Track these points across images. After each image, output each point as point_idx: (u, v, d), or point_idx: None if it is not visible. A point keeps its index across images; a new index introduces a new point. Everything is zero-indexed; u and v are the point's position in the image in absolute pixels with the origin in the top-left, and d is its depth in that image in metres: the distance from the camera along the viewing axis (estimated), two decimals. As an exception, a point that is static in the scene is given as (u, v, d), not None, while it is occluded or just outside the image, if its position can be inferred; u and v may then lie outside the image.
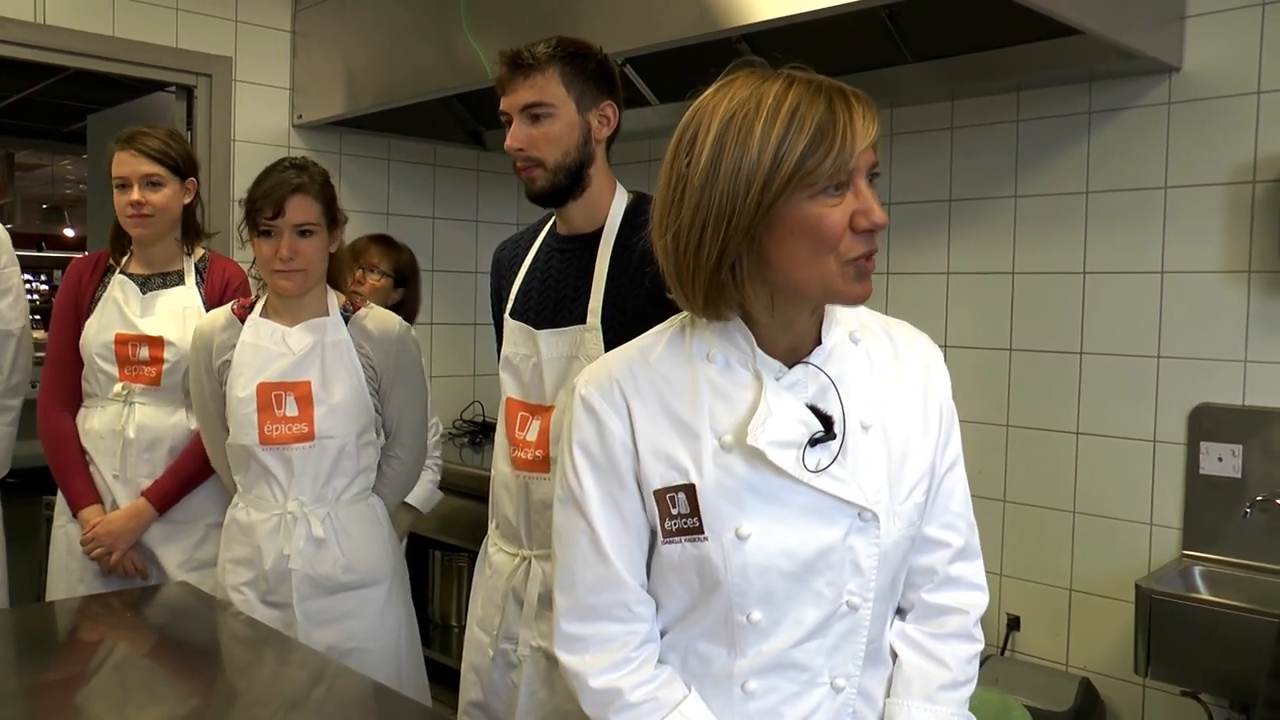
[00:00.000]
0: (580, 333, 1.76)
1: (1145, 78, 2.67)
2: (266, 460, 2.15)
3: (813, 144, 1.06)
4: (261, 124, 3.80)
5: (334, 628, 2.15)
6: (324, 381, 2.16)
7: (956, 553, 1.28)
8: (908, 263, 3.15)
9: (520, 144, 1.75)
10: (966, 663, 1.27)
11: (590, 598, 1.21)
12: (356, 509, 2.22)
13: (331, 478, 2.18)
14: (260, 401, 2.13)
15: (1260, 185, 2.49)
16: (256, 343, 2.16)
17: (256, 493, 2.19)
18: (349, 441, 2.18)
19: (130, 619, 2.03)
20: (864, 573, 1.17)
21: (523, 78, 1.74)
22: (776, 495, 1.15)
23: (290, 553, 2.13)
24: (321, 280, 2.21)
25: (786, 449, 1.14)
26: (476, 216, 4.41)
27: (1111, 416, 2.75)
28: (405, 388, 2.28)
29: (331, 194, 2.18)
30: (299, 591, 2.14)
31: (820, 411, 1.17)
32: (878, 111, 1.11)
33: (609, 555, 1.19)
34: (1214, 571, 2.52)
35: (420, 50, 3.34)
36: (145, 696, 1.64)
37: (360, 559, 2.19)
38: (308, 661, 1.78)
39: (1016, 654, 2.91)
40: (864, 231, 1.09)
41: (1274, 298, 2.49)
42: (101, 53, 3.44)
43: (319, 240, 2.14)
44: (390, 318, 2.29)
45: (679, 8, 2.57)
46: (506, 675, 1.87)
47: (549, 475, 1.79)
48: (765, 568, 1.15)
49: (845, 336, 1.22)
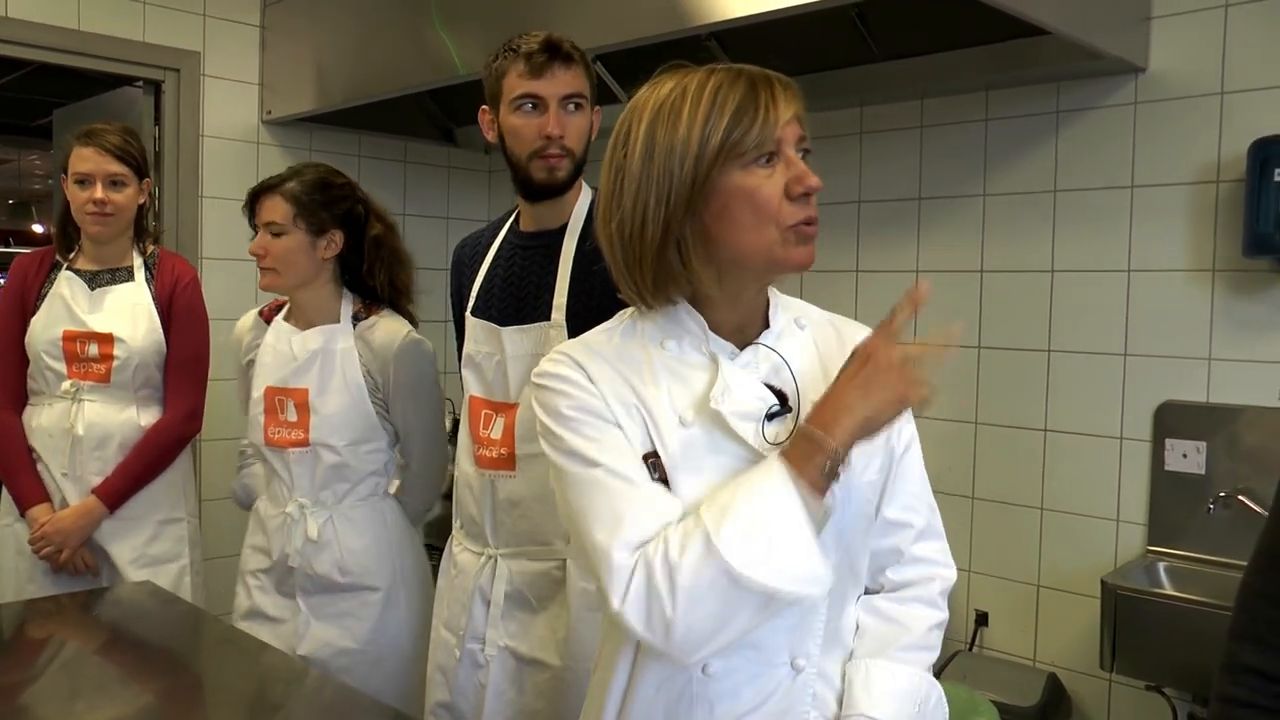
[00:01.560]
0: (545, 329, 1.76)
1: (1112, 78, 2.68)
2: (272, 460, 2.23)
3: (736, 117, 1.12)
4: (230, 119, 3.76)
5: (334, 624, 2.20)
6: (320, 390, 2.18)
7: (919, 533, 1.30)
8: (877, 261, 3.16)
9: (561, 130, 1.74)
10: (928, 629, 1.29)
11: (634, 532, 1.10)
12: (360, 514, 2.23)
13: (330, 483, 2.20)
14: (267, 404, 2.19)
15: (1224, 185, 2.52)
16: (275, 345, 2.23)
17: (272, 488, 2.27)
18: (345, 450, 2.19)
19: (82, 618, 2.02)
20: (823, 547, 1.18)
21: (564, 66, 1.74)
22: (736, 467, 1.15)
23: (290, 551, 2.19)
24: (324, 284, 2.24)
25: (747, 420, 1.16)
26: (447, 213, 4.39)
27: (1079, 414, 2.77)
28: (407, 399, 2.25)
29: (314, 198, 2.20)
30: (301, 586, 2.21)
31: (775, 388, 1.20)
32: (800, 93, 1.17)
33: (634, 478, 1.13)
34: (1178, 567, 2.54)
35: (391, 45, 3.32)
36: (96, 696, 1.63)
37: (357, 563, 2.20)
38: (272, 661, 1.77)
39: (984, 650, 2.93)
40: (800, 197, 1.13)
41: (1237, 296, 2.51)
42: (67, 47, 3.40)
43: (292, 241, 2.17)
44: (396, 328, 2.25)
45: (651, 5, 2.57)
46: (473, 675, 1.86)
47: (514, 473, 1.78)
48: None
49: (791, 322, 1.27)
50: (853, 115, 3.19)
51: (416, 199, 4.30)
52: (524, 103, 1.75)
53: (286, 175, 2.20)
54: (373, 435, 2.22)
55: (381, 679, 2.16)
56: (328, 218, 2.18)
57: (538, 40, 1.74)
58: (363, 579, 2.20)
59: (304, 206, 2.15)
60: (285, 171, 2.22)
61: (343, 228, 2.21)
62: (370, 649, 2.19)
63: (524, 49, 1.74)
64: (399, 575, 2.25)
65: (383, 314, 2.28)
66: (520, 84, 1.74)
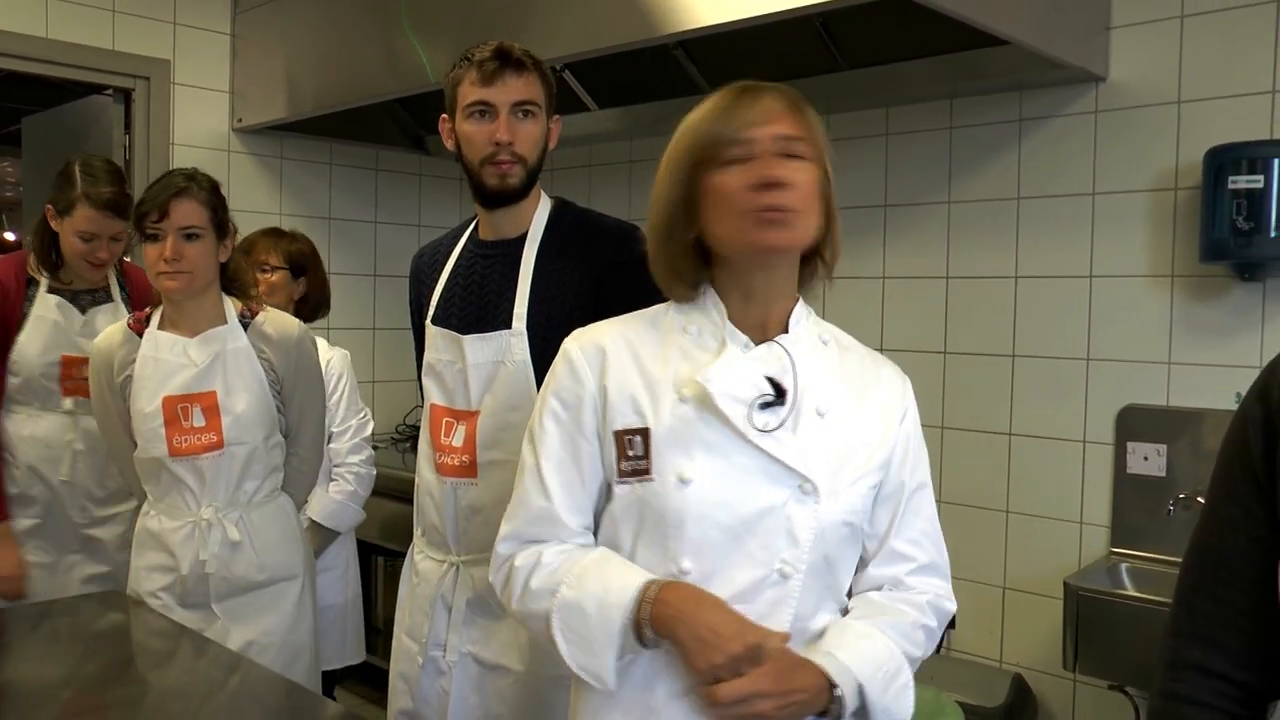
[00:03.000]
0: (506, 337, 1.77)
1: (1073, 86, 2.72)
2: (178, 470, 2.15)
3: (714, 125, 1.24)
4: (201, 128, 3.76)
5: (252, 624, 2.19)
6: (228, 390, 2.17)
7: (920, 567, 1.34)
8: (844, 267, 3.12)
9: (511, 137, 1.75)
10: (914, 623, 1.30)
11: (529, 528, 1.33)
12: (267, 509, 2.25)
13: (243, 482, 2.20)
14: (167, 414, 2.13)
15: (1181, 192, 2.56)
16: (158, 356, 2.17)
17: (169, 501, 2.19)
18: (258, 445, 2.20)
19: (41, 625, 2.03)
20: (799, 543, 1.23)
21: (516, 73, 1.75)
22: (724, 450, 1.24)
23: (206, 557, 2.16)
24: (213, 287, 2.21)
25: (736, 403, 1.24)
26: (419, 221, 4.40)
27: (1042, 418, 2.80)
28: (305, 388, 2.31)
29: (220, 201, 2.19)
30: (216, 592, 2.18)
31: (776, 382, 1.26)
32: (786, 96, 1.26)
33: (552, 493, 1.31)
34: (1139, 568, 2.57)
35: (362, 54, 3.32)
36: (46, 697, 1.63)
37: (273, 557, 2.23)
38: (220, 658, 1.79)
39: (951, 652, 2.95)
40: (759, 187, 1.21)
41: (1195, 302, 2.55)
42: (35, 54, 3.39)
43: (205, 245, 2.13)
44: (288, 321, 2.31)
45: (619, 14, 2.58)
46: (436, 682, 1.86)
47: (476, 480, 1.79)
48: (702, 517, 1.23)
49: (815, 335, 1.34)
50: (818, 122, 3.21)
51: (388, 206, 4.31)
52: (475, 110, 1.76)
53: (183, 181, 2.13)
54: (275, 429, 2.26)
55: (305, 669, 2.24)
56: (227, 221, 2.20)
57: (490, 48, 1.75)
58: (278, 572, 2.24)
59: (214, 210, 2.15)
60: (176, 177, 2.14)
61: (233, 231, 2.24)
62: (292, 638, 2.24)
63: (476, 57, 1.76)
64: (308, 564, 2.34)
65: (266, 310, 2.30)
66: (472, 91, 1.76)
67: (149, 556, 2.21)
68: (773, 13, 2.31)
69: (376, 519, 3.46)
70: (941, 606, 1.35)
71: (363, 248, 4.24)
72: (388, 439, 4.16)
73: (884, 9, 2.31)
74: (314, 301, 3.00)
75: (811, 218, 1.25)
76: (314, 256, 3.05)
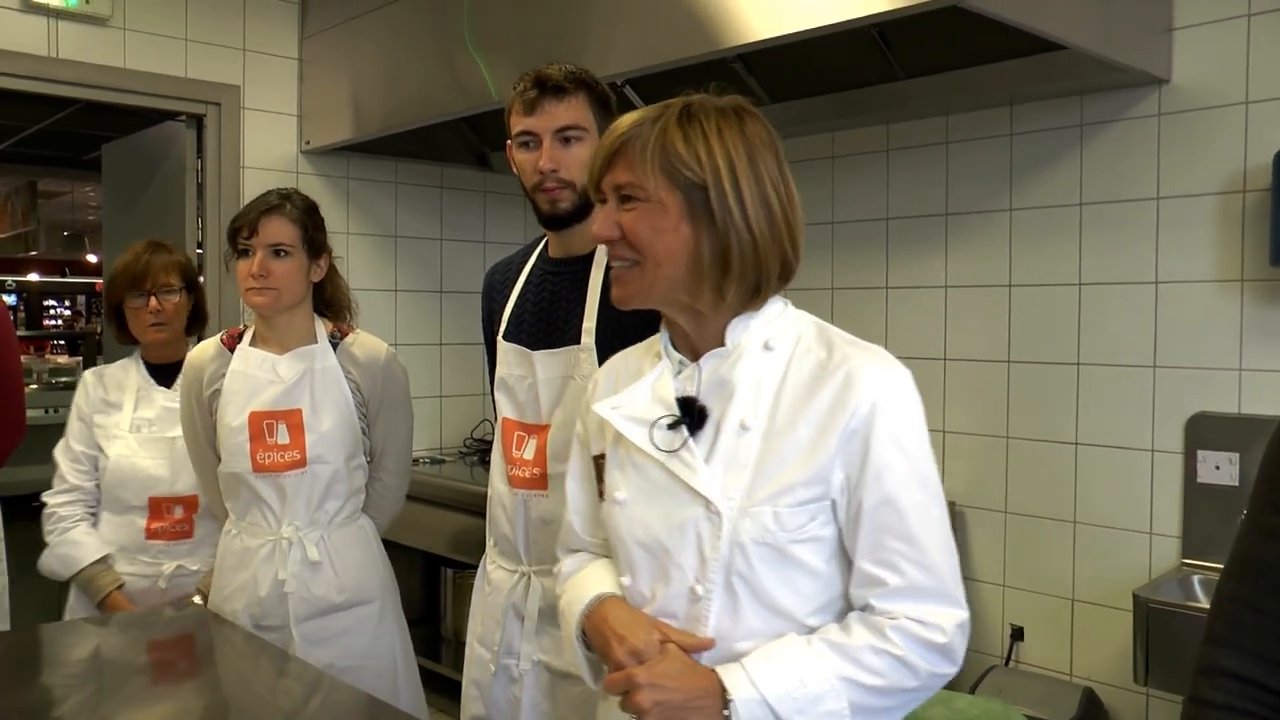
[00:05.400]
0: (575, 353, 1.80)
1: (1135, 90, 2.70)
2: (259, 487, 2.18)
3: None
4: (270, 151, 3.88)
5: (330, 646, 2.18)
6: (314, 409, 2.19)
7: (893, 591, 1.19)
8: (906, 277, 3.18)
9: (554, 165, 1.78)
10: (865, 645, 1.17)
11: (564, 538, 1.48)
12: (348, 531, 2.26)
13: (324, 502, 2.21)
14: (252, 430, 2.16)
15: (1250, 195, 2.52)
16: (247, 371, 2.20)
17: (250, 519, 2.21)
18: (339, 466, 2.21)
19: (125, 636, 2.07)
20: (707, 563, 1.23)
21: (555, 100, 1.77)
22: (645, 470, 1.30)
23: (285, 577, 2.16)
24: (304, 306, 2.24)
25: (637, 425, 1.30)
26: (484, 237, 4.47)
27: (1109, 427, 2.77)
28: (391, 412, 2.31)
29: (314, 221, 2.22)
30: (295, 614, 2.17)
31: (688, 402, 1.28)
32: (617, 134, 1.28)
33: (573, 508, 1.45)
34: (1213, 579, 2.52)
35: (425, 74, 3.40)
36: (136, 709, 1.68)
37: (353, 579, 2.23)
38: (303, 675, 1.82)
39: (1020, 664, 2.92)
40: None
41: (1267, 306, 2.51)
42: (113, 84, 3.53)
43: (294, 262, 2.17)
44: (378, 344, 2.32)
45: (678, 29, 2.62)
46: (508, 690, 1.90)
47: (547, 493, 1.83)
48: (628, 534, 1.30)
49: (758, 343, 1.27)
50: (879, 133, 3.22)
51: (453, 224, 4.39)
52: (521, 139, 1.81)
53: (276, 199, 2.18)
54: (359, 450, 2.26)
55: (385, 692, 2.19)
56: (320, 241, 2.23)
57: (531, 77, 1.79)
58: (358, 595, 2.23)
59: (306, 229, 2.19)
60: (270, 196, 2.19)
61: (326, 252, 2.27)
62: (370, 662, 2.22)
63: (519, 86, 1.80)
64: (387, 587, 2.31)
65: (356, 331, 2.32)
66: (518, 121, 1.80)
67: (229, 576, 2.22)
68: (829, 24, 2.32)
69: (446, 531, 3.53)
70: (919, 634, 1.17)
71: (429, 265, 4.32)
72: (455, 452, 4.23)
73: (940, 18, 2.31)
74: (202, 317, 2.66)
75: (651, 263, 1.24)
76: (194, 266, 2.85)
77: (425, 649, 3.74)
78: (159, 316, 2.48)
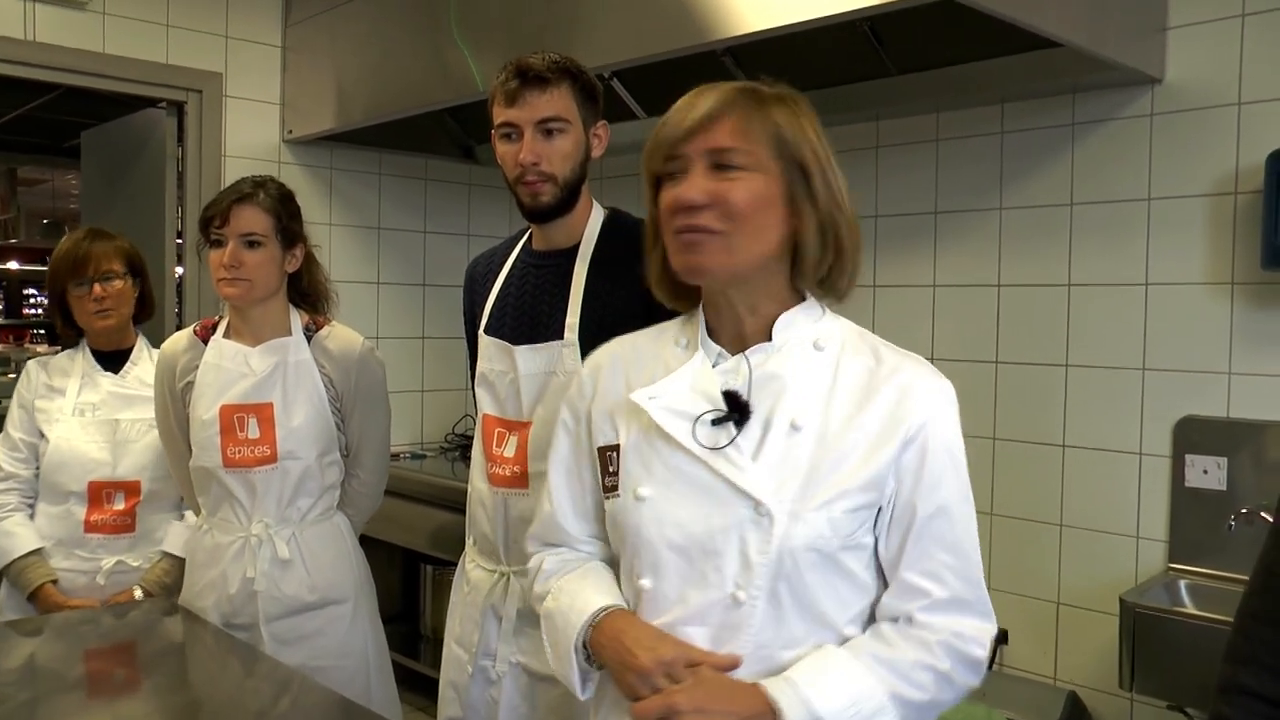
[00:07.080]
0: (558, 348, 1.77)
1: (1128, 89, 2.67)
2: (229, 482, 2.13)
3: (656, 138, 1.22)
4: (252, 139, 3.82)
5: (301, 647, 2.13)
6: (286, 403, 2.13)
7: (937, 603, 1.18)
8: (894, 276, 3.15)
9: (535, 157, 1.74)
10: (915, 662, 1.16)
11: (542, 532, 1.40)
12: (321, 529, 2.20)
13: (295, 499, 2.15)
14: (223, 424, 2.11)
15: (1242, 196, 2.50)
16: (219, 364, 2.15)
17: (220, 515, 2.16)
18: (311, 463, 2.16)
19: (94, 633, 2.03)
20: (752, 568, 1.16)
21: (538, 91, 1.73)
22: (678, 466, 1.21)
23: (255, 575, 2.11)
24: (278, 297, 2.19)
25: (679, 418, 1.21)
26: (468, 230, 4.43)
27: (1097, 429, 2.75)
28: (366, 408, 2.25)
29: (288, 210, 2.16)
30: (265, 612, 2.12)
31: (735, 397, 1.20)
32: (739, 103, 1.18)
33: (556, 500, 1.36)
34: (1199, 585, 2.51)
35: (411, 64, 3.35)
36: (105, 710, 1.65)
37: (326, 578, 2.17)
38: (273, 674, 1.78)
39: (1004, 668, 2.90)
40: (674, 209, 1.19)
41: (1257, 310, 2.49)
42: (92, 69, 3.46)
43: (267, 253, 2.11)
44: (352, 337, 2.26)
45: (666, 21, 2.58)
46: (485, 691, 1.87)
47: (527, 491, 1.79)
48: (656, 534, 1.21)
49: (806, 342, 1.23)
50: (868, 129, 3.19)
51: (437, 216, 4.34)
52: (503, 131, 1.77)
53: (249, 187, 2.12)
54: (332, 446, 2.21)
55: (357, 693, 2.13)
56: (295, 231, 2.17)
57: (512, 67, 1.74)
58: (330, 594, 2.18)
59: (279, 218, 2.13)
60: (243, 184, 2.13)
61: (301, 242, 2.21)
62: (343, 662, 2.16)
63: (500, 76, 1.75)
64: (361, 586, 2.26)
65: (332, 324, 2.26)
66: (500, 113, 1.76)
67: (200, 573, 2.18)
68: (820, 18, 2.29)
69: (426, 528, 3.49)
70: (961, 649, 1.17)
71: (412, 257, 4.27)
72: (437, 448, 4.19)
73: (932, 13, 2.28)
74: (150, 304, 2.58)
75: (745, 235, 1.16)
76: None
77: (404, 647, 3.70)
78: (103, 304, 2.40)
